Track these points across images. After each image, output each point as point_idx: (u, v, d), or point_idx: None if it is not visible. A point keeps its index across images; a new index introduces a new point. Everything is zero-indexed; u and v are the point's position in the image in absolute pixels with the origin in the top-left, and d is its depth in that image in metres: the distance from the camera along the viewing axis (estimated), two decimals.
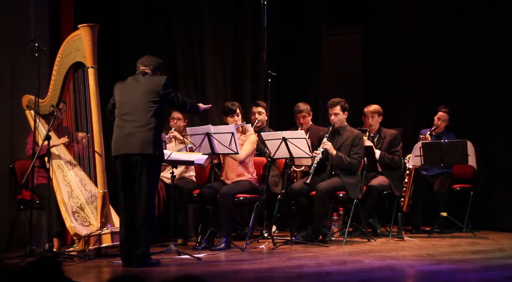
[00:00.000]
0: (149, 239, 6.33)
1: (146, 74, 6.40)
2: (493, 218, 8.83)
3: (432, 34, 9.50)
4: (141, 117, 6.19)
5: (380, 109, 8.59)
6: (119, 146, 6.22)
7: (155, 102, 6.23)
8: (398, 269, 6.27)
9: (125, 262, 6.19)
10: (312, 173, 7.68)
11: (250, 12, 9.23)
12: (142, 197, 6.13)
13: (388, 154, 8.37)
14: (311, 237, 7.66)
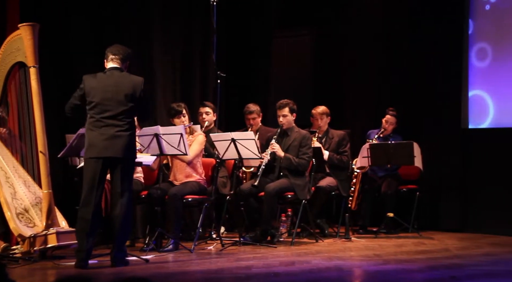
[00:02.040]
0: (128, 238, 6.59)
1: (123, 72, 6.38)
2: (438, 218, 8.97)
3: (380, 35, 9.60)
4: (123, 121, 6.29)
5: (327, 111, 8.66)
6: (101, 148, 6.25)
7: (134, 105, 6.34)
8: (345, 270, 6.33)
9: (81, 260, 6.14)
10: (260, 175, 7.70)
11: (200, 12, 9.20)
12: (124, 197, 6.27)
13: (336, 155, 8.43)
14: (260, 238, 7.67)
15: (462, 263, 6.61)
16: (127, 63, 6.48)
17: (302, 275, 6.01)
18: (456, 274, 5.97)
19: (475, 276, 5.98)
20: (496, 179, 8.58)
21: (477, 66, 8.80)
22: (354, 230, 8.56)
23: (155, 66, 8.81)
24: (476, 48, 8.80)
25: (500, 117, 8.61)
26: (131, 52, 6.56)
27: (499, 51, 8.61)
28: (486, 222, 8.63)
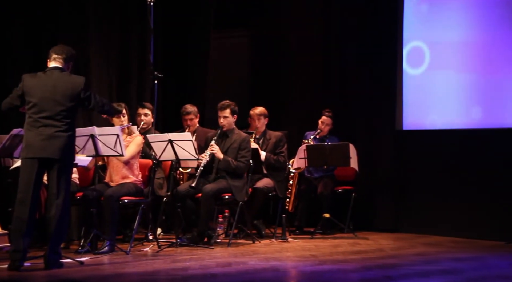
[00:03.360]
0: (63, 239, 6.51)
1: (64, 72, 6.27)
2: (373, 219, 9.10)
3: (316, 37, 9.68)
4: (61, 122, 6.21)
5: (265, 112, 8.69)
6: (37, 148, 6.16)
7: (74, 105, 6.28)
8: (281, 270, 6.37)
9: (15, 261, 6.03)
10: (198, 176, 7.68)
11: (137, 13, 9.13)
12: (60, 198, 6.20)
13: (273, 156, 8.47)
14: (197, 239, 7.66)
15: (396, 263, 6.72)
16: (70, 63, 6.41)
17: (239, 276, 6.02)
18: (391, 274, 6.07)
19: (409, 275, 6.08)
20: (429, 180, 8.74)
21: (411, 66, 8.95)
22: (290, 231, 8.61)
23: (91, 66, 8.69)
24: (410, 49, 8.94)
25: (435, 119, 8.78)
26: (75, 53, 6.50)
27: (435, 52, 8.76)
28: (419, 222, 8.79)
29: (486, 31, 8.38)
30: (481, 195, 8.33)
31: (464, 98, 8.53)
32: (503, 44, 8.25)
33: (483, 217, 8.27)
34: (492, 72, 8.33)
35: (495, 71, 8.31)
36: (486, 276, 6.06)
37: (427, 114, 8.83)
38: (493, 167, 8.26)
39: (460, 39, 8.53)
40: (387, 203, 9.01)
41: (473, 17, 8.48)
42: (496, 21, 8.31)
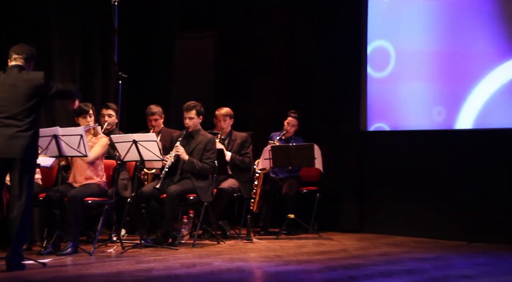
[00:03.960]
0: (25, 241, 6.44)
1: (23, 70, 6.21)
2: (337, 219, 9.14)
3: (282, 38, 9.70)
4: (22, 121, 6.14)
5: (231, 112, 8.69)
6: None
7: (36, 104, 6.21)
8: (246, 271, 6.37)
9: None
10: (163, 178, 7.65)
11: (100, 12, 9.06)
12: (22, 199, 6.13)
13: (238, 156, 8.47)
14: (161, 240, 7.63)
15: (360, 263, 6.76)
16: (31, 63, 6.34)
17: (203, 277, 6.02)
18: (354, 274, 6.10)
19: (373, 275, 6.12)
20: (393, 180, 8.81)
21: (375, 67, 9.01)
22: (255, 232, 8.62)
23: (54, 66, 8.61)
24: (374, 49, 9.00)
25: (398, 120, 8.85)
26: (35, 51, 6.43)
27: (399, 53, 8.82)
28: (383, 223, 8.86)
29: (450, 35, 8.48)
30: (443, 195, 8.41)
31: (427, 99, 8.60)
32: (466, 48, 8.35)
33: (446, 218, 8.36)
34: (454, 74, 8.41)
35: (457, 73, 8.40)
36: (449, 275, 6.12)
37: (391, 115, 8.90)
38: (455, 168, 8.36)
39: (424, 40, 8.61)
40: (351, 204, 9.06)
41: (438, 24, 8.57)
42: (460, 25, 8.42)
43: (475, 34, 8.26)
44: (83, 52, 9.00)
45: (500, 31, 8.07)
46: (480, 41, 8.21)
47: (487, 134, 8.19)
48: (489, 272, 6.25)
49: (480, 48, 8.21)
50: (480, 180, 8.16)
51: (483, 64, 8.22)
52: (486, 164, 8.14)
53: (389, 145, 8.90)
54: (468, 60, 8.31)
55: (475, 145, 8.25)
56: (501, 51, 8.08)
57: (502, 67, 8.08)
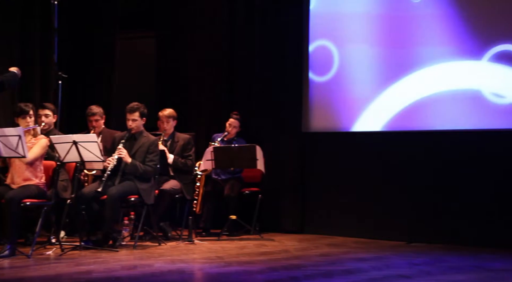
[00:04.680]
0: None
1: None
2: (279, 220, 9.18)
3: (223, 38, 9.69)
4: None
5: (174, 114, 8.66)
6: None
7: None
8: (187, 272, 6.36)
9: None
10: (105, 181, 7.57)
11: (40, 12, 8.92)
12: None
13: (181, 159, 8.45)
14: (101, 242, 7.56)
15: (301, 263, 6.80)
16: None
17: (144, 279, 5.99)
18: (295, 274, 6.14)
19: (313, 276, 6.17)
20: (333, 181, 8.89)
21: (317, 68, 9.08)
22: (197, 233, 8.60)
23: None
24: (316, 48, 9.07)
25: (339, 121, 8.92)
26: None
27: (342, 53, 8.91)
28: (324, 224, 8.93)
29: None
30: (383, 196, 8.52)
31: (370, 101, 8.71)
32: (410, 44, 8.47)
33: (385, 218, 8.47)
34: (400, 76, 8.53)
35: (403, 75, 8.51)
36: (388, 275, 6.20)
37: (333, 116, 8.97)
38: (393, 169, 8.47)
39: (369, 38, 8.70)
40: (293, 205, 9.11)
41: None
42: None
43: (417, 38, 8.40)
44: (22, 52, 8.86)
45: (444, 34, 8.21)
46: (425, 42, 8.34)
47: (421, 135, 8.32)
48: (427, 272, 6.36)
49: (425, 48, 8.34)
50: (415, 181, 8.30)
51: (422, 66, 8.36)
52: (421, 164, 8.28)
53: (330, 147, 8.97)
54: (414, 60, 8.42)
55: (411, 146, 8.38)
56: (443, 54, 8.23)
57: (443, 70, 8.24)
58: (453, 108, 8.15)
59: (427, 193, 8.24)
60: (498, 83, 7.91)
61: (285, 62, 9.20)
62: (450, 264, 6.82)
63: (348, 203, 8.76)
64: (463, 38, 8.09)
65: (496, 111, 7.92)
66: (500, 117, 7.89)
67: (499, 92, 7.90)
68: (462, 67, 8.12)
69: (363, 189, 8.64)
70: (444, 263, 6.88)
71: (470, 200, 7.98)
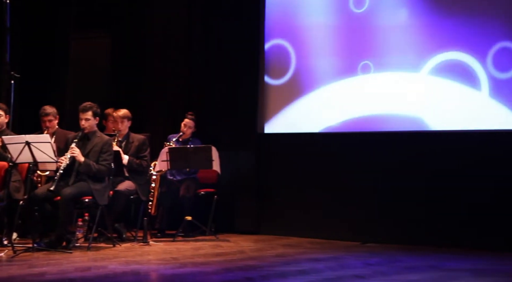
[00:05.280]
0: None
1: None
2: (234, 221, 9.18)
3: (179, 40, 9.66)
4: None
5: (129, 114, 8.61)
6: None
7: None
8: (142, 274, 6.32)
9: None
10: (58, 179, 7.49)
11: None
12: None
13: (136, 159, 8.39)
14: (55, 243, 7.47)
15: (256, 264, 6.81)
16: None
17: (98, 281, 5.94)
18: (251, 275, 6.15)
19: (269, 276, 6.18)
20: (289, 182, 8.91)
21: (273, 68, 9.10)
22: (152, 234, 8.54)
23: None
24: (271, 47, 9.08)
25: (295, 122, 8.95)
26: None
27: (299, 52, 8.94)
28: (280, 224, 8.95)
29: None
30: (338, 196, 8.58)
31: (325, 102, 8.75)
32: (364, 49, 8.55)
33: (340, 218, 8.53)
34: (355, 78, 8.60)
35: (357, 77, 8.58)
36: (343, 276, 6.24)
37: (288, 117, 8.99)
38: (348, 169, 8.53)
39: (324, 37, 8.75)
40: (248, 205, 9.12)
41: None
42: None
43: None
44: None
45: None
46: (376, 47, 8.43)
47: (375, 136, 8.41)
48: (381, 272, 6.41)
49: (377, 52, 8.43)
50: (369, 182, 8.36)
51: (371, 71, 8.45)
52: (374, 165, 8.34)
53: (285, 147, 9.00)
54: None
55: (365, 147, 8.45)
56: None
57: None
58: (402, 111, 8.24)
59: (380, 194, 8.31)
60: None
61: (241, 63, 9.20)
62: (404, 264, 6.88)
63: (303, 204, 8.79)
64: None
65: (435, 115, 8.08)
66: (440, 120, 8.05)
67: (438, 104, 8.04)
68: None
69: (318, 190, 8.69)
70: (398, 263, 6.95)
71: (423, 200, 8.07)
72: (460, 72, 7.92)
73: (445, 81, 8.01)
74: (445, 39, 8.00)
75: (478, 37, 7.81)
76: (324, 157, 8.69)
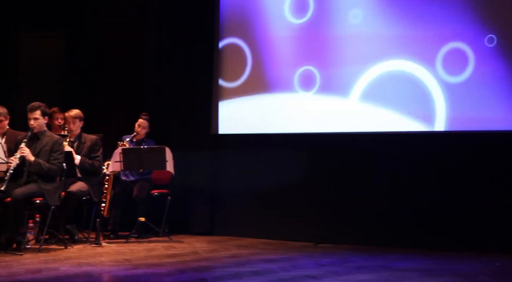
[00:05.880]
0: None
1: None
2: (188, 222, 9.16)
3: (132, 40, 9.61)
4: None
5: (81, 115, 8.54)
6: None
7: None
8: (94, 275, 6.28)
9: None
10: (8, 180, 7.38)
11: None
12: None
13: (88, 160, 8.32)
14: (5, 245, 7.37)
15: (210, 265, 6.81)
16: None
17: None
18: (204, 276, 6.15)
19: (222, 277, 6.19)
20: (242, 183, 8.92)
21: (227, 68, 9.10)
22: (105, 236, 8.49)
23: None
24: (226, 46, 9.08)
25: (249, 123, 8.96)
26: None
27: (253, 51, 8.95)
28: (233, 225, 8.96)
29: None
30: (291, 198, 8.62)
31: (278, 104, 8.79)
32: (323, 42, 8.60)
33: (294, 220, 8.57)
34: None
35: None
36: (295, 276, 6.27)
37: (242, 118, 9.00)
38: (301, 171, 8.57)
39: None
40: (202, 206, 9.11)
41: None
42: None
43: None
44: None
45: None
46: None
47: (324, 137, 8.48)
48: (334, 272, 6.46)
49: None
50: (321, 182, 8.43)
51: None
52: (327, 166, 8.42)
53: (239, 148, 9.01)
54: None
55: (317, 148, 8.52)
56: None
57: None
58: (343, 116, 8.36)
59: (332, 194, 8.38)
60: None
61: (195, 63, 9.19)
62: (356, 264, 6.95)
63: (256, 204, 8.81)
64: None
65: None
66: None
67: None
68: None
69: (271, 191, 8.71)
70: (351, 263, 7.01)
71: (374, 201, 8.15)
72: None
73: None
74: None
75: (423, 43, 7.91)
76: (277, 159, 8.72)
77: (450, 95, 7.81)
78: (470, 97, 7.70)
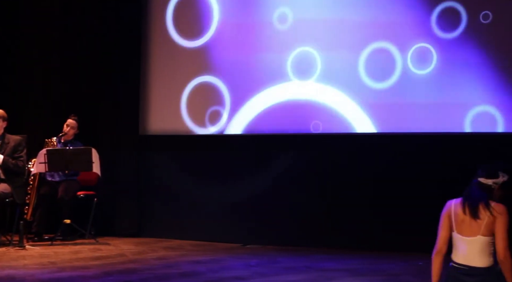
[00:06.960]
0: None
1: None
2: (115, 224, 9.05)
3: (56, 38, 9.43)
4: None
5: (5, 115, 8.35)
6: None
7: None
8: (17, 279, 6.17)
9: None
10: None
11: None
12: None
13: (11, 160, 8.15)
14: None
15: (136, 267, 6.77)
16: None
17: None
18: (131, 278, 6.10)
19: (149, 279, 6.16)
20: (170, 184, 8.88)
21: (158, 67, 9.05)
22: (29, 238, 8.31)
23: None
24: (158, 42, 9.03)
25: (178, 124, 8.92)
26: None
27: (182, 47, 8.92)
28: (161, 227, 8.90)
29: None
30: (220, 198, 8.59)
31: (209, 104, 8.78)
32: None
33: (221, 221, 8.57)
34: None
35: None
36: (224, 277, 6.29)
37: (173, 119, 8.94)
38: (231, 172, 8.59)
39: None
40: (129, 208, 9.03)
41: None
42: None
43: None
44: None
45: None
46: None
47: (257, 139, 8.51)
48: (262, 273, 6.50)
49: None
50: (250, 184, 8.45)
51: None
52: (259, 167, 8.45)
53: (165, 149, 8.96)
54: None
55: (248, 149, 8.54)
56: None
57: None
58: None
59: (261, 195, 8.41)
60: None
61: (122, 63, 9.09)
62: (283, 265, 7.00)
63: (184, 206, 8.78)
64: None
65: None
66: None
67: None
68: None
69: (199, 192, 8.69)
70: (278, 264, 7.06)
71: (300, 202, 8.22)
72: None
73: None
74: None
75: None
76: (205, 159, 8.71)
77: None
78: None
